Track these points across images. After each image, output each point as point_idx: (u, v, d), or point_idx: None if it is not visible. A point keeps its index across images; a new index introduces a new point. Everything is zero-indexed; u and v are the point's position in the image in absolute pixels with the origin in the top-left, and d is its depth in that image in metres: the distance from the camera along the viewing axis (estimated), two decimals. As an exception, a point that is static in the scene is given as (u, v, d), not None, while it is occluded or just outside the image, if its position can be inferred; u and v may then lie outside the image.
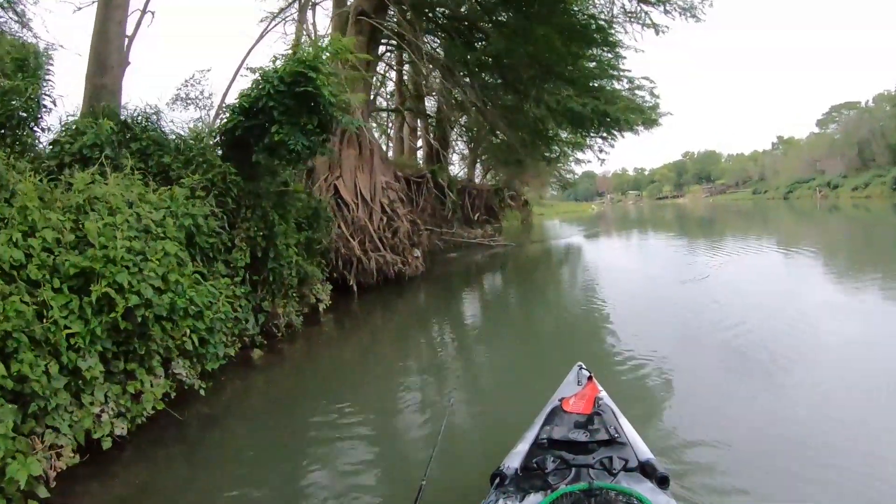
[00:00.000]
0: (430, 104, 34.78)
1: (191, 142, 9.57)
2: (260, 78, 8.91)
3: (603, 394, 4.31)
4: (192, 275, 7.21)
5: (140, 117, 9.89)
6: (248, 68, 9.08)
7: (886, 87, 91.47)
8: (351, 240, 14.34)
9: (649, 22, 19.41)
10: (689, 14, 18.46)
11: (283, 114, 8.53)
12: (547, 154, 31.76)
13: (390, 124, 36.33)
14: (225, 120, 9.28)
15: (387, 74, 34.06)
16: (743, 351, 7.89)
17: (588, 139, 27.90)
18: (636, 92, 22.38)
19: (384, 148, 37.42)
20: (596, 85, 20.19)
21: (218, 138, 9.72)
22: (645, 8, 18.99)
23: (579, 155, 55.17)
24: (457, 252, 24.60)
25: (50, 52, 8.89)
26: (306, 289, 11.65)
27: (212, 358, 7.35)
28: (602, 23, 18.45)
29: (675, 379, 6.96)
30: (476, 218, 33.70)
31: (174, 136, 10.08)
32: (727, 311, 10.43)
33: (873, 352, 7.48)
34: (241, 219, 9.35)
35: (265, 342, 9.69)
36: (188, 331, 6.76)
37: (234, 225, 9.35)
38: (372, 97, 35.50)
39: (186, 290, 6.75)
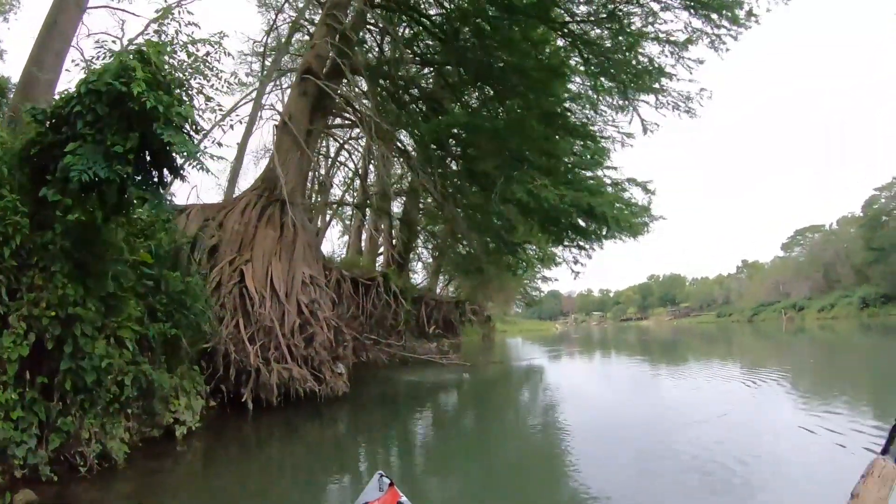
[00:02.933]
0: (396, 208, 33.27)
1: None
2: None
3: (404, 499, 4.35)
4: None
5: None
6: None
7: (850, 209, 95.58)
8: (248, 344, 10.77)
9: (628, 131, 17.32)
10: (683, 108, 16.24)
11: (90, 125, 5.32)
12: (513, 262, 28.94)
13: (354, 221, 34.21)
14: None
15: (357, 173, 32.16)
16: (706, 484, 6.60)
17: (562, 248, 24.07)
18: (625, 187, 18.84)
19: (340, 245, 34.82)
20: (576, 177, 17.11)
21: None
22: (634, 101, 16.79)
23: (546, 272, 53.94)
24: (404, 368, 20.94)
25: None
26: (158, 404, 8.05)
27: None
28: (583, 119, 16.33)
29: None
30: (432, 331, 30.66)
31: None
32: (692, 446, 8.31)
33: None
34: (26, 287, 5.91)
35: (56, 478, 6.17)
36: None
37: (17, 294, 5.91)
38: (331, 187, 33.55)
39: None
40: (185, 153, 5.52)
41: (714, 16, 14.58)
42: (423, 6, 17.27)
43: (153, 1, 11.27)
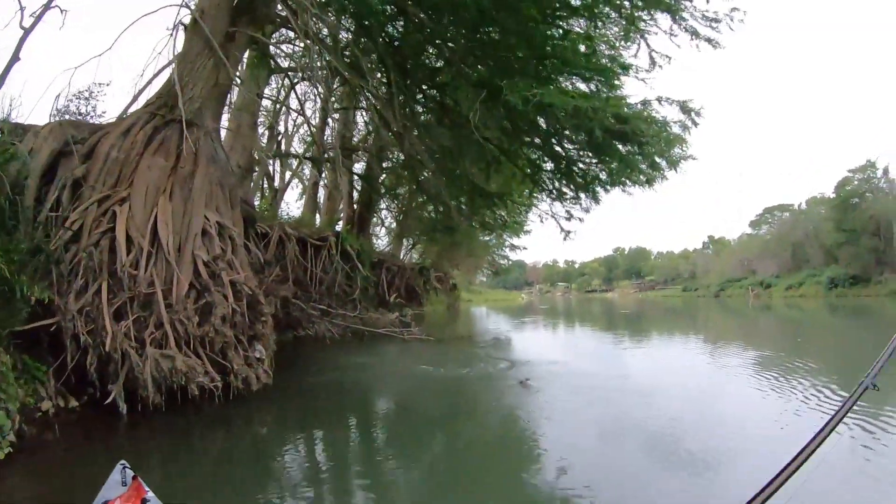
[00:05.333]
0: (358, 168, 29.97)
1: None
2: None
3: (150, 494, 3.95)
4: None
5: None
6: None
7: (820, 190, 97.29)
8: (111, 320, 7.30)
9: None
10: (703, 36, 12.76)
11: None
12: (490, 217, 25.69)
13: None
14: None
15: (307, 119, 28.35)
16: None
17: (550, 202, 19.39)
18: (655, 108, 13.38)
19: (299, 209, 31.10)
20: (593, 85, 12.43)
21: None
22: (643, 28, 13.11)
23: (514, 241, 51.01)
24: (357, 344, 17.70)
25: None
26: None
27: None
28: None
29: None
30: (392, 299, 27.51)
31: None
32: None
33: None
34: None
35: None
36: None
37: None
38: (281, 137, 29.69)
39: None
40: None
41: None
42: None
43: None
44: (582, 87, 12.31)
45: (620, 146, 12.05)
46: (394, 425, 8.88)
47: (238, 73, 16.72)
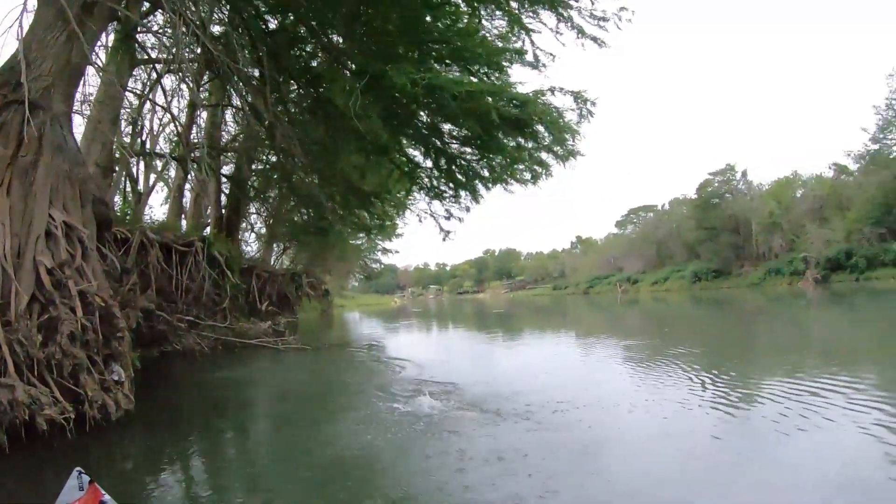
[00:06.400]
0: (226, 169, 28.61)
1: None
2: None
3: (106, 497, 4.09)
4: None
5: None
6: None
7: (682, 192, 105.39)
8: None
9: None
10: (589, 36, 12.83)
11: None
12: (367, 218, 25.01)
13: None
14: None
15: (172, 115, 26.07)
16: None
17: (429, 201, 18.66)
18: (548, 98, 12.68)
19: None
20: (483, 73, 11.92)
21: None
22: (532, 19, 12.89)
23: (386, 244, 50.58)
24: (228, 357, 16.48)
25: None
26: None
27: None
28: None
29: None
30: (265, 307, 26.19)
31: None
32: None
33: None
34: None
35: None
36: None
37: None
38: (141, 133, 27.16)
39: None
40: None
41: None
42: None
43: None
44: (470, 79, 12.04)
45: (512, 138, 11.91)
46: (274, 445, 8.04)
47: (99, 62, 15.01)
